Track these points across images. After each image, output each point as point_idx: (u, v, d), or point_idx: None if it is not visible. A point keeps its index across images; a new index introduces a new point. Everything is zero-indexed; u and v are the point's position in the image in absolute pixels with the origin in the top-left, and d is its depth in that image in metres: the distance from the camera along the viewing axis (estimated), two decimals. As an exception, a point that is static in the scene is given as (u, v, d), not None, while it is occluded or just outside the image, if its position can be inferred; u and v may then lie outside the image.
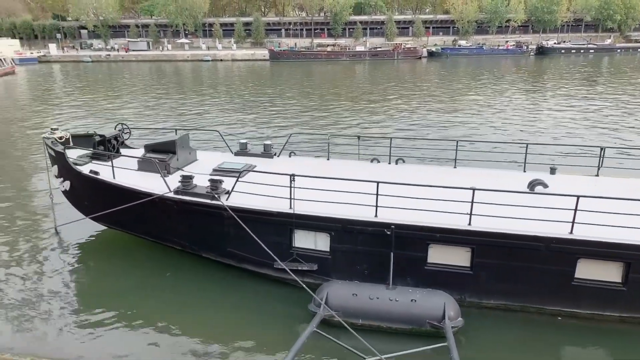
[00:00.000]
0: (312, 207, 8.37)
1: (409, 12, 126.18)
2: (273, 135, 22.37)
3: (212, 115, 29.09)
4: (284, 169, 9.82)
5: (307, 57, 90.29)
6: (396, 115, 28.25)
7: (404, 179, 9.35)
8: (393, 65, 74.59)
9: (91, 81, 55.10)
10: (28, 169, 17.75)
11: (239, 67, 74.32)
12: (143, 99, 37.50)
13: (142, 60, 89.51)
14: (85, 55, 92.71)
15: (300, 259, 8.71)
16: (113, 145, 11.98)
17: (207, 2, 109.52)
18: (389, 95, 37.51)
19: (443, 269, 8.20)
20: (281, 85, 47.36)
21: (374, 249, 8.27)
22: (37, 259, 10.50)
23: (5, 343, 7.63)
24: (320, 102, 34.68)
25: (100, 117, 29.18)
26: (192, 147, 11.71)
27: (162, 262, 10.20)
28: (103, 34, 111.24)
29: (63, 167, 10.55)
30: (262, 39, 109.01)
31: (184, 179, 9.20)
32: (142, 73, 64.50)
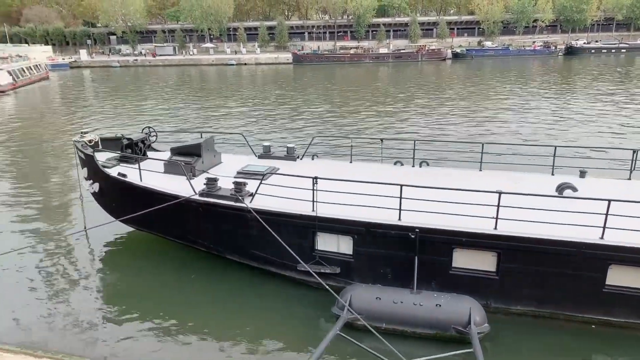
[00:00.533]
0: (335, 209, 8.36)
1: (433, 13, 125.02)
2: (296, 138, 22.46)
3: (237, 118, 29.42)
4: (306, 171, 9.84)
5: (330, 59, 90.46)
6: (420, 117, 27.99)
7: (427, 182, 9.24)
8: (417, 67, 73.97)
9: (119, 86, 56.49)
10: (60, 171, 18.28)
11: (262, 71, 75.01)
12: (169, 102, 38.22)
13: (169, 65, 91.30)
14: (114, 61, 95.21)
15: (322, 262, 8.71)
16: (140, 148, 12.24)
17: (231, 7, 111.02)
18: (413, 98, 37.21)
19: (468, 273, 8.06)
20: (304, 88, 47.56)
21: (397, 253, 8.20)
22: (67, 259, 10.79)
23: (36, 340, 7.84)
24: (342, 104, 34.67)
25: (128, 120, 29.88)
26: (216, 150, 11.86)
27: (188, 264, 10.34)
28: (131, 40, 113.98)
29: (92, 170, 10.83)
30: (285, 42, 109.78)
31: (209, 182, 9.32)
32: (168, 77, 65.76)
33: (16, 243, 11.65)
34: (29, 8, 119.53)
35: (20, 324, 8.32)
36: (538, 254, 7.59)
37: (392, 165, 11.54)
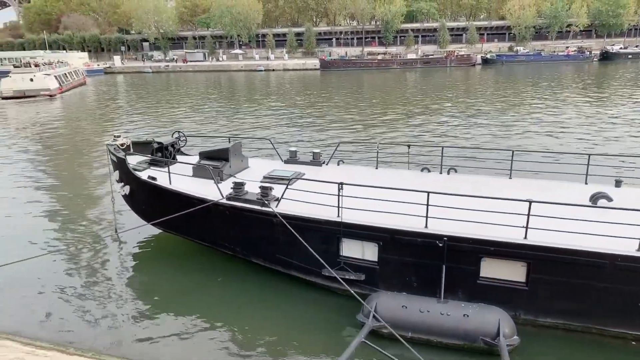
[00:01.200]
0: (360, 216, 8.32)
1: (463, 18, 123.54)
2: (322, 143, 22.51)
3: (264, 123, 29.72)
4: (332, 177, 9.84)
5: (358, 65, 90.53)
6: (448, 123, 27.64)
7: (455, 189, 9.09)
8: (445, 73, 73.20)
9: (151, 91, 58.00)
10: (94, 173, 18.82)
11: (290, 77, 75.65)
12: (199, 107, 38.98)
13: (199, 71, 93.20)
14: (146, 67, 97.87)
15: (347, 268, 8.66)
16: (170, 152, 12.50)
17: (260, 13, 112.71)
18: (441, 103, 36.80)
19: (496, 283, 7.87)
20: (330, 94, 47.69)
21: (423, 261, 8.08)
22: (98, 259, 11.09)
23: (68, 338, 8.07)
24: (369, 110, 34.58)
25: (158, 125, 30.61)
26: (244, 155, 11.99)
27: (215, 267, 10.46)
28: (163, 46, 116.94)
29: (124, 173, 11.11)
30: (313, 48, 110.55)
31: (236, 186, 9.43)
32: (198, 83, 67.11)
33: (50, 243, 12.07)
34: (67, 16, 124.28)
35: (53, 322, 8.58)
36: (570, 265, 7.35)
37: (419, 171, 11.41)
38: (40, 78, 51.52)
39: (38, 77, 51.41)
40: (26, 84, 50.05)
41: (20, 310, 8.95)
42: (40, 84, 50.57)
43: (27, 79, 50.52)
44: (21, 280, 9.86)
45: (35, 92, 49.55)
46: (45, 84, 51.28)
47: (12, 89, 49.34)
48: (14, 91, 49.17)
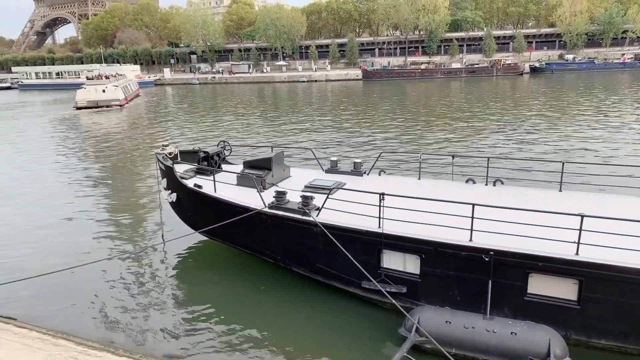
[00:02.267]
0: (402, 227, 8.19)
1: (510, 26, 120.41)
2: (363, 153, 22.44)
3: (306, 133, 30.01)
4: (373, 187, 9.77)
5: (401, 75, 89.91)
6: (494, 133, 26.89)
7: (502, 201, 8.81)
8: (491, 82, 71.42)
9: (198, 102, 59.97)
10: (145, 180, 19.58)
11: (332, 87, 76.14)
12: (244, 118, 39.89)
13: (244, 82, 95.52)
14: (194, 78, 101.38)
15: (388, 280, 8.54)
16: (215, 161, 12.84)
17: (304, 25, 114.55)
18: (486, 113, 35.90)
19: (545, 301, 7.51)
20: (372, 104, 47.57)
21: (468, 275, 7.85)
22: (145, 266, 11.48)
23: (117, 340, 8.39)
24: (412, 120, 34.21)
25: (205, 134, 31.53)
26: (286, 164, 12.14)
27: (258, 275, 10.58)
28: (210, 58, 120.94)
29: (171, 180, 11.49)
30: (355, 59, 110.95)
31: (278, 195, 9.55)
32: (243, 94, 68.76)
33: (101, 250, 12.62)
34: (122, 31, 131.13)
35: (103, 325, 8.94)
36: (625, 284, 6.92)
37: (463, 183, 11.13)
38: (112, 89, 55.15)
39: (109, 88, 54.98)
40: (99, 94, 53.54)
41: (74, 312, 9.38)
42: (111, 95, 54.17)
43: (99, 90, 54.01)
44: (74, 284, 10.34)
45: (106, 103, 53.05)
46: (116, 95, 54.91)
47: (86, 100, 52.78)
48: (87, 101, 52.59)
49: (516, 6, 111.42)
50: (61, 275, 9.67)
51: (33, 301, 9.69)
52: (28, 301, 9.68)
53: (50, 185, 19.40)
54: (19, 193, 18.32)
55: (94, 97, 53.32)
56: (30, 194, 18.05)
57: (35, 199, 17.29)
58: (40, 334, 7.88)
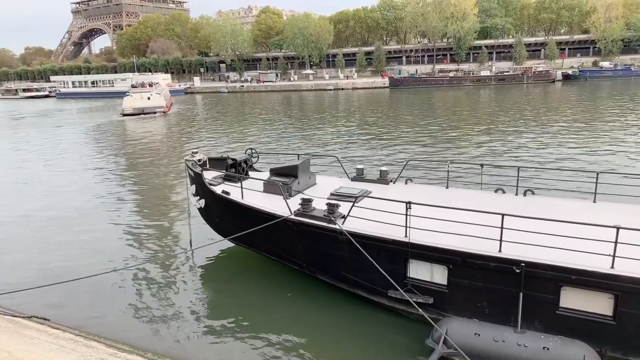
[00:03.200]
0: (429, 237, 8.08)
1: (541, 33, 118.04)
2: (389, 161, 22.31)
3: (331, 140, 30.07)
4: (400, 196, 9.68)
5: (428, 83, 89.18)
6: (524, 142, 26.30)
7: (532, 212, 8.58)
8: (522, 90, 70.02)
9: (227, 110, 60.99)
10: (176, 187, 19.95)
11: (358, 95, 76.17)
12: (271, 125, 40.32)
13: (271, 91, 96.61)
14: (223, 87, 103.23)
15: (414, 290, 8.43)
16: (243, 168, 13.01)
17: (331, 34, 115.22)
18: (516, 122, 35.17)
19: (578, 315, 7.26)
20: (399, 112, 47.33)
21: (497, 287, 7.66)
22: (173, 269, 11.70)
23: (143, 343, 8.55)
24: (439, 128, 33.83)
25: (233, 141, 32.00)
26: (312, 172, 12.18)
27: (284, 282, 10.61)
28: (238, 67, 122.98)
29: (200, 187, 11.70)
30: (383, 67, 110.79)
31: (304, 202, 9.58)
32: (270, 102, 69.53)
33: (131, 254, 12.92)
34: (154, 41, 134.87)
35: (132, 328, 9.13)
36: None
37: (492, 192, 10.91)
38: (156, 97, 57.31)
39: (154, 96, 57.15)
40: (144, 102, 55.62)
41: (105, 315, 9.61)
42: (156, 102, 56.25)
43: (145, 98, 56.13)
44: (106, 288, 10.60)
45: (151, 110, 55.09)
46: (160, 102, 56.98)
47: (132, 107, 54.80)
48: (133, 108, 54.59)
49: (548, 12, 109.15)
50: (92, 279, 9.96)
51: (66, 304, 9.99)
52: (62, 303, 9.98)
53: (84, 190, 19.99)
54: (54, 195, 18.98)
55: (140, 104, 55.29)
56: (65, 197, 18.67)
57: (68, 203, 17.86)
58: (73, 335, 8.12)
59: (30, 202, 18.26)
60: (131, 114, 53.90)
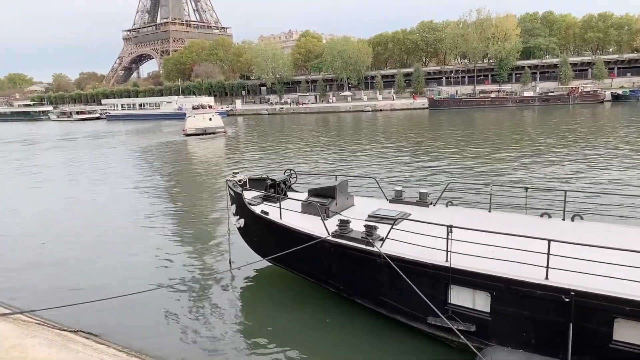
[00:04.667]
0: (471, 262, 7.84)
1: (588, 53, 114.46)
2: (429, 183, 21.96)
3: (370, 162, 29.98)
4: (440, 219, 9.47)
5: (469, 104, 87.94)
6: (572, 164, 25.30)
7: (581, 238, 8.18)
8: (568, 111, 67.79)
9: (267, 131, 62.19)
10: (218, 205, 20.36)
11: (397, 116, 75.92)
12: (309, 146, 40.72)
13: (310, 112, 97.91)
14: (263, 109, 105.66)
15: (456, 317, 8.15)
16: (282, 189, 13.15)
17: (370, 57, 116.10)
18: (563, 143, 33.97)
19: (635, 349, 6.79)
20: (439, 133, 46.74)
21: (544, 316, 7.29)
22: (212, 288, 11.85)
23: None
24: (481, 149, 33.11)
25: (273, 162, 32.49)
26: (350, 193, 12.14)
27: (323, 305, 10.50)
28: (279, 90, 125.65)
29: (240, 207, 11.89)
30: (422, 88, 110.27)
31: (342, 223, 9.53)
32: (309, 123, 70.39)
33: (171, 272, 13.20)
34: (198, 65, 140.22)
35: (171, 346, 9.27)
36: None
37: (538, 217, 10.50)
38: (217, 118, 60.32)
39: (215, 117, 60.16)
40: (206, 122, 58.48)
41: (146, 332, 9.84)
42: (216, 123, 59.19)
43: (206, 119, 59.01)
44: (147, 306, 10.83)
45: (213, 130, 57.78)
46: (220, 123, 59.90)
47: (194, 127, 57.59)
48: (196, 129, 57.36)
49: (595, 31, 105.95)
50: (134, 297, 10.25)
51: (110, 320, 10.26)
52: (106, 319, 10.26)
53: (131, 207, 20.73)
54: (101, 212, 19.77)
55: (202, 125, 57.92)
56: (111, 214, 19.41)
57: (114, 219, 18.55)
58: (116, 351, 8.33)
59: (76, 218, 19.10)
60: (194, 134, 56.44)
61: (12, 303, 11.08)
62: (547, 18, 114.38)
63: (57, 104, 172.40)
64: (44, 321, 9.72)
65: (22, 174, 32.25)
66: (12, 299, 11.42)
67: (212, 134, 56.90)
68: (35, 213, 20.59)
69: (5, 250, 15.37)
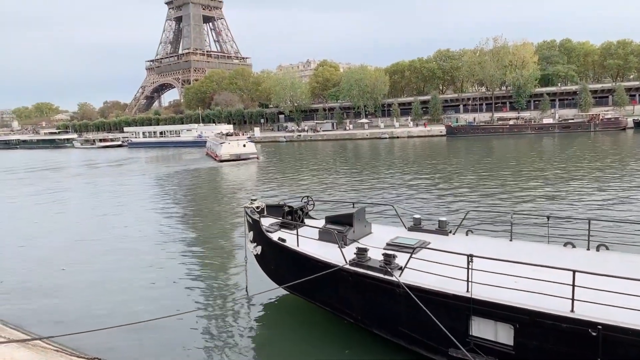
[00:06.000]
0: (493, 292, 7.63)
1: (608, 79, 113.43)
2: (448, 211, 21.68)
3: (387, 189, 29.83)
4: (460, 248, 9.30)
5: (487, 131, 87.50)
6: (595, 193, 24.74)
7: (607, 269, 7.91)
8: (589, 138, 66.79)
9: (285, 158, 62.68)
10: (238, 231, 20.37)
11: (414, 143, 75.86)
12: (326, 173, 40.80)
13: (327, 140, 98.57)
14: (281, 136, 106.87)
15: (478, 350, 7.88)
16: (299, 216, 13.13)
17: (387, 85, 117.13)
18: (586, 170, 33.34)
19: (669, 388, 6.44)
20: (457, 160, 46.41)
21: (570, 350, 7.01)
22: (228, 315, 11.78)
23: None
24: (500, 176, 32.70)
25: (290, 189, 32.58)
26: (367, 220, 12.04)
27: (341, 336, 10.32)
28: (296, 118, 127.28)
29: (257, 234, 11.89)
30: (439, 115, 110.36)
31: (359, 252, 9.42)
32: (326, 151, 70.77)
33: (188, 298, 13.17)
34: (218, 94, 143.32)
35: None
36: None
37: (561, 246, 10.22)
38: (251, 145, 62.86)
39: (249, 143, 62.75)
40: (240, 149, 60.97)
41: (159, 358, 9.81)
42: (250, 149, 61.78)
43: (240, 145, 61.49)
44: (162, 333, 10.78)
45: (246, 156, 60.28)
46: (254, 149, 62.41)
47: (229, 153, 59.80)
48: (230, 155, 59.57)
49: (614, 59, 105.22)
50: (151, 323, 10.17)
51: (127, 346, 10.26)
52: (122, 346, 10.26)
53: (151, 233, 20.92)
54: (122, 238, 19.98)
55: (236, 151, 60.23)
56: (133, 239, 19.59)
57: (134, 245, 18.71)
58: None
59: (97, 244, 19.31)
60: (228, 160, 58.41)
61: (30, 329, 11.18)
62: (565, 46, 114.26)
63: (81, 131, 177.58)
64: (62, 348, 9.73)
65: (45, 201, 32.95)
66: (31, 324, 11.52)
67: (246, 160, 58.95)
68: (57, 239, 20.93)
69: (25, 276, 15.59)
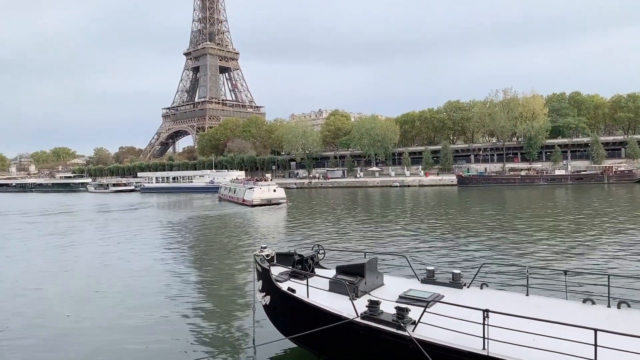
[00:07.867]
0: (510, 350, 7.30)
1: (619, 132, 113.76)
2: (462, 263, 21.24)
3: (399, 238, 29.46)
4: (475, 302, 9.02)
5: (499, 181, 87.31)
6: (613, 247, 24.14)
7: (630, 328, 7.58)
8: (602, 190, 66.14)
9: (296, 204, 62.73)
10: (247, 279, 20.11)
11: (425, 192, 75.69)
12: (337, 221, 40.57)
13: (337, 187, 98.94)
14: (292, 183, 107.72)
15: (496, 412, 7.45)
16: (309, 265, 12.92)
17: (397, 134, 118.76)
18: (602, 223, 32.73)
19: None
20: (470, 210, 46.00)
21: (595, 416, 6.60)
22: (235, 368, 11.38)
23: None
24: (514, 228, 32.19)
25: (301, 237, 32.35)
26: (379, 271, 11.82)
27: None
28: (307, 165, 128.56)
29: (266, 283, 11.67)
30: (450, 165, 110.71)
31: (371, 304, 9.16)
32: (336, 198, 70.82)
33: (192, 346, 12.83)
34: (231, 141, 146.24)
35: None
36: None
37: (580, 303, 9.86)
38: (280, 190, 64.81)
39: (278, 189, 64.68)
40: (271, 194, 63.12)
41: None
42: (280, 194, 63.88)
43: (271, 190, 63.61)
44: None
45: (277, 201, 62.30)
46: (283, 194, 64.44)
47: (260, 198, 61.67)
48: (261, 199, 61.38)
49: (625, 111, 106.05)
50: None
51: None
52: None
53: (162, 278, 20.68)
54: (131, 285, 19.76)
55: (267, 195, 62.29)
56: (142, 285, 19.36)
57: (143, 291, 18.46)
58: None
59: (104, 289, 19.11)
60: (259, 204, 59.82)
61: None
62: (575, 98, 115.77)
63: (96, 175, 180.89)
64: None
65: (55, 246, 33.05)
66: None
67: (277, 204, 60.54)
68: (64, 285, 20.77)
69: (28, 325, 15.29)
